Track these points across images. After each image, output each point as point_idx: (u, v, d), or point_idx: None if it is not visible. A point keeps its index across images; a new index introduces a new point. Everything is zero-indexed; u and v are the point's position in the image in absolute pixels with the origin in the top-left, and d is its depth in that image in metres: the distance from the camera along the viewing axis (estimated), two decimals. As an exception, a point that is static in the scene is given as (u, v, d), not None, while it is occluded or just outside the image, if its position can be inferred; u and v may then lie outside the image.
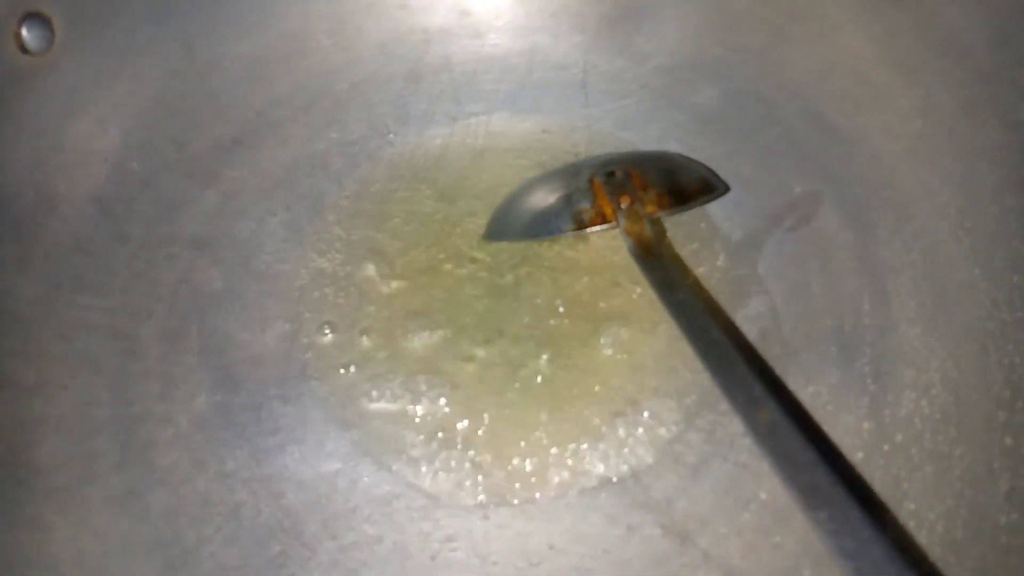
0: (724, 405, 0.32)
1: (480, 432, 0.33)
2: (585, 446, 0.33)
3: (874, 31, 0.34)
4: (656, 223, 0.34)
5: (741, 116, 0.37)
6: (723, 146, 0.37)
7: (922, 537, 0.29)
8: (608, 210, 0.33)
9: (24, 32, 0.33)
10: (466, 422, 0.33)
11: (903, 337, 0.33)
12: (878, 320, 0.33)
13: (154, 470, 0.32)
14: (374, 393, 0.34)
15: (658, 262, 0.31)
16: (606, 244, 0.35)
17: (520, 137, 0.38)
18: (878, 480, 0.31)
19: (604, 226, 0.33)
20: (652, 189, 0.33)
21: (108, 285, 0.35)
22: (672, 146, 0.37)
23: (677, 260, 0.35)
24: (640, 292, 0.34)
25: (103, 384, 0.33)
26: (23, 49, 0.33)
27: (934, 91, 0.33)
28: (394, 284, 0.35)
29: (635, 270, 0.32)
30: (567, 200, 0.34)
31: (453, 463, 0.33)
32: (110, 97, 0.35)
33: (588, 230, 0.33)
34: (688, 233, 0.36)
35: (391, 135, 0.38)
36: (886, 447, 0.32)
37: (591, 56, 0.39)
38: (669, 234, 0.35)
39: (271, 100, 0.38)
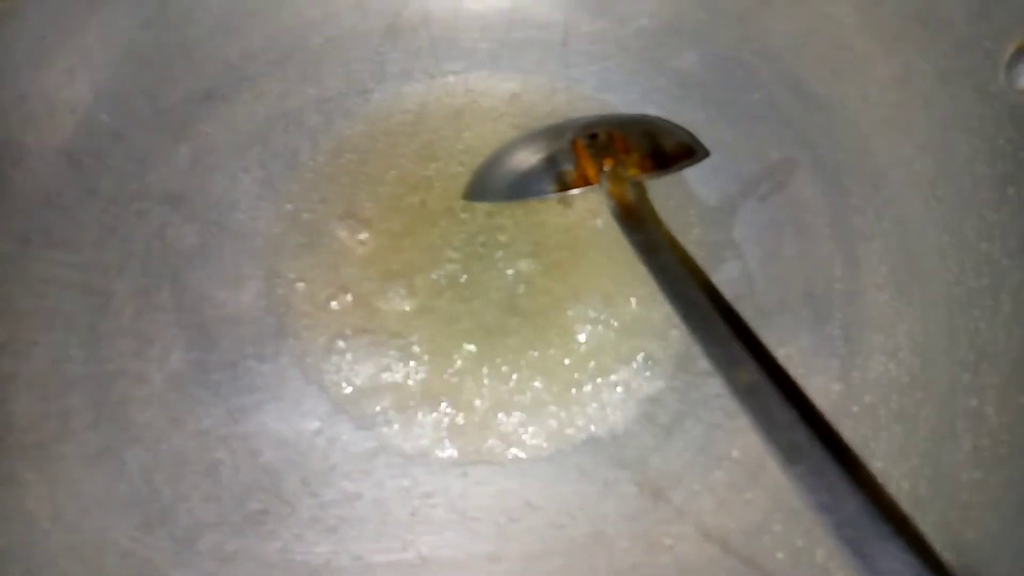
0: (698, 366, 0.33)
1: (457, 392, 0.33)
2: (561, 406, 0.33)
3: (856, -2, 0.35)
4: (638, 186, 0.34)
5: (721, 81, 0.37)
6: (702, 111, 0.37)
7: (888, 494, 0.30)
8: (591, 172, 0.33)
9: (-13, -25, 0.32)
10: (443, 382, 0.33)
11: (872, 302, 0.34)
12: (849, 285, 0.34)
13: (129, 427, 0.32)
14: (351, 352, 0.34)
15: (640, 224, 0.31)
16: (586, 207, 0.35)
17: (499, 97, 0.38)
18: (847, 440, 0.32)
19: (586, 188, 0.33)
20: (635, 152, 0.33)
21: (79, 240, 0.34)
22: (652, 110, 0.37)
23: (658, 223, 0.35)
24: (618, 255, 0.34)
25: (76, 341, 0.33)
26: (-14, -7, 0.32)
27: (912, 60, 0.33)
28: (370, 244, 0.35)
29: (614, 233, 0.32)
30: (549, 162, 0.34)
31: (431, 421, 0.33)
32: (79, 46, 0.34)
33: (570, 192, 0.33)
34: (664, 197, 0.36)
35: (368, 92, 0.37)
36: (855, 408, 0.32)
37: (572, 16, 0.38)
38: (646, 198, 0.36)
39: (245, 54, 0.37)
